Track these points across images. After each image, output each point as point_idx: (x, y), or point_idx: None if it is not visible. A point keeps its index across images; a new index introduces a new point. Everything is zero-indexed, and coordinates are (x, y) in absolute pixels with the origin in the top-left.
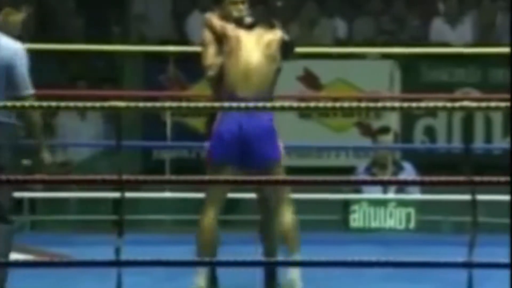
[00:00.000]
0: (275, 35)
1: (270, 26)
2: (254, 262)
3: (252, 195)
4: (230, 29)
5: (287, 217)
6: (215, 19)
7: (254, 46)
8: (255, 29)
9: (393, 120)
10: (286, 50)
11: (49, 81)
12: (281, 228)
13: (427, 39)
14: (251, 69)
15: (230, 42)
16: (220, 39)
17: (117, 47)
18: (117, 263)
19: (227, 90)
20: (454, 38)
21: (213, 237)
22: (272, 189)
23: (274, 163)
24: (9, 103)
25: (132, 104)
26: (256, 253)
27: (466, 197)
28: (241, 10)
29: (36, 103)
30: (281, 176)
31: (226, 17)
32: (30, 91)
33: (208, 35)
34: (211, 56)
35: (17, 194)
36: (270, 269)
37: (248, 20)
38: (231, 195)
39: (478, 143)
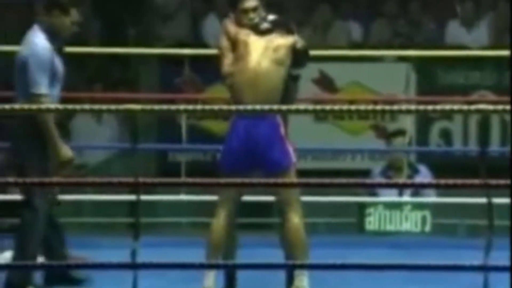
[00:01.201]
0: (287, 40)
1: (288, 32)
2: (270, 265)
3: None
4: (243, 34)
5: (295, 223)
6: (230, 25)
7: (262, 51)
8: (271, 34)
9: (408, 123)
10: (297, 57)
11: (66, 84)
12: (288, 233)
13: (443, 41)
14: (258, 75)
15: (239, 47)
16: (234, 45)
17: (132, 50)
18: (133, 266)
19: (234, 96)
20: (470, 41)
21: (221, 239)
22: (280, 194)
23: (284, 170)
24: (26, 105)
25: (148, 107)
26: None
27: (482, 200)
28: (252, 18)
29: (52, 105)
30: (295, 179)
31: (242, 23)
32: (37, 90)
33: (224, 42)
34: (227, 65)
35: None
36: (290, 273)
37: (265, 25)
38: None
39: (494, 146)
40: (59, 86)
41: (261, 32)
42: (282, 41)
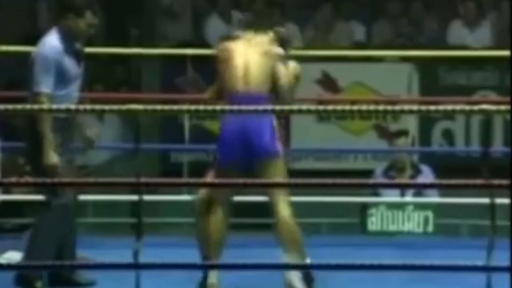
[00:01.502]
0: (265, 33)
1: (270, 25)
2: (270, 265)
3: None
4: (226, 45)
5: (284, 216)
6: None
7: (245, 49)
8: (254, 36)
9: (411, 123)
10: (280, 40)
11: None
12: (277, 228)
13: (445, 42)
14: (247, 67)
15: (225, 55)
16: (221, 57)
17: (134, 50)
18: (136, 266)
19: (228, 90)
20: (472, 41)
21: (220, 235)
22: (268, 176)
23: (273, 155)
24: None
25: (150, 107)
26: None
27: (485, 200)
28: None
29: (53, 106)
30: (283, 167)
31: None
32: (37, 89)
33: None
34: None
35: (35, 197)
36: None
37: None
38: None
39: (497, 146)
40: (73, 87)
41: (246, 39)
42: (261, 36)
